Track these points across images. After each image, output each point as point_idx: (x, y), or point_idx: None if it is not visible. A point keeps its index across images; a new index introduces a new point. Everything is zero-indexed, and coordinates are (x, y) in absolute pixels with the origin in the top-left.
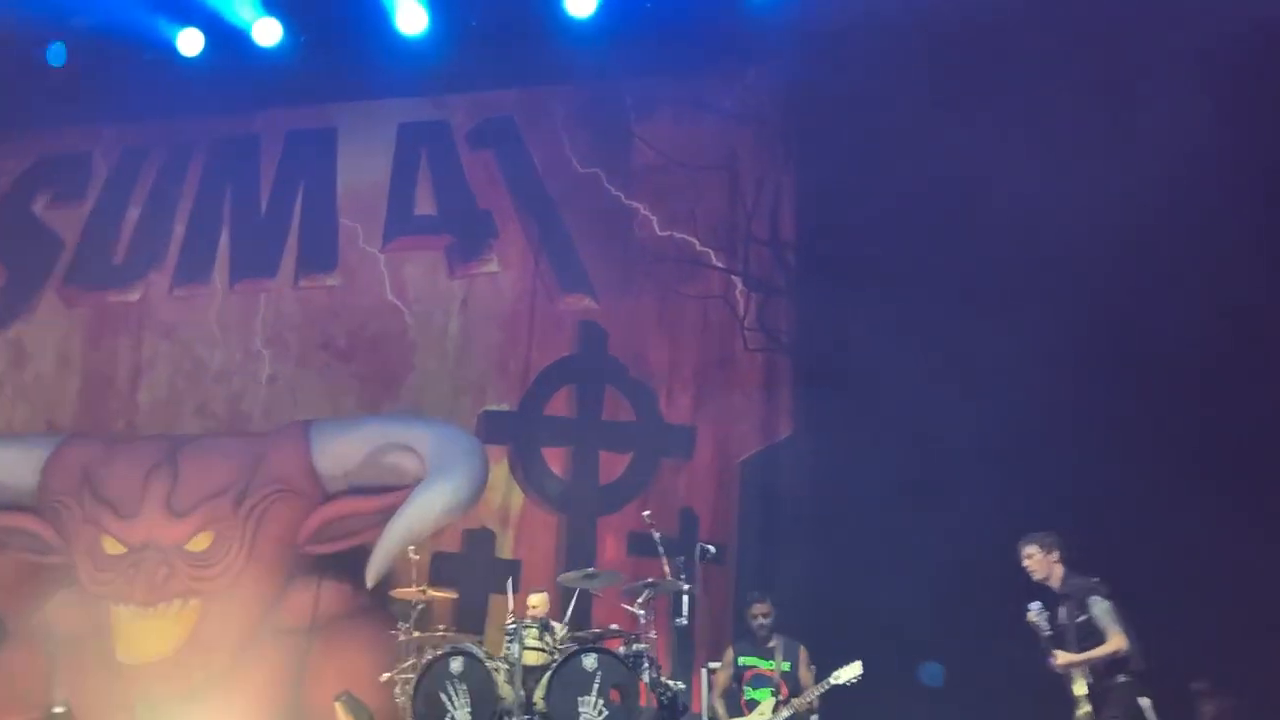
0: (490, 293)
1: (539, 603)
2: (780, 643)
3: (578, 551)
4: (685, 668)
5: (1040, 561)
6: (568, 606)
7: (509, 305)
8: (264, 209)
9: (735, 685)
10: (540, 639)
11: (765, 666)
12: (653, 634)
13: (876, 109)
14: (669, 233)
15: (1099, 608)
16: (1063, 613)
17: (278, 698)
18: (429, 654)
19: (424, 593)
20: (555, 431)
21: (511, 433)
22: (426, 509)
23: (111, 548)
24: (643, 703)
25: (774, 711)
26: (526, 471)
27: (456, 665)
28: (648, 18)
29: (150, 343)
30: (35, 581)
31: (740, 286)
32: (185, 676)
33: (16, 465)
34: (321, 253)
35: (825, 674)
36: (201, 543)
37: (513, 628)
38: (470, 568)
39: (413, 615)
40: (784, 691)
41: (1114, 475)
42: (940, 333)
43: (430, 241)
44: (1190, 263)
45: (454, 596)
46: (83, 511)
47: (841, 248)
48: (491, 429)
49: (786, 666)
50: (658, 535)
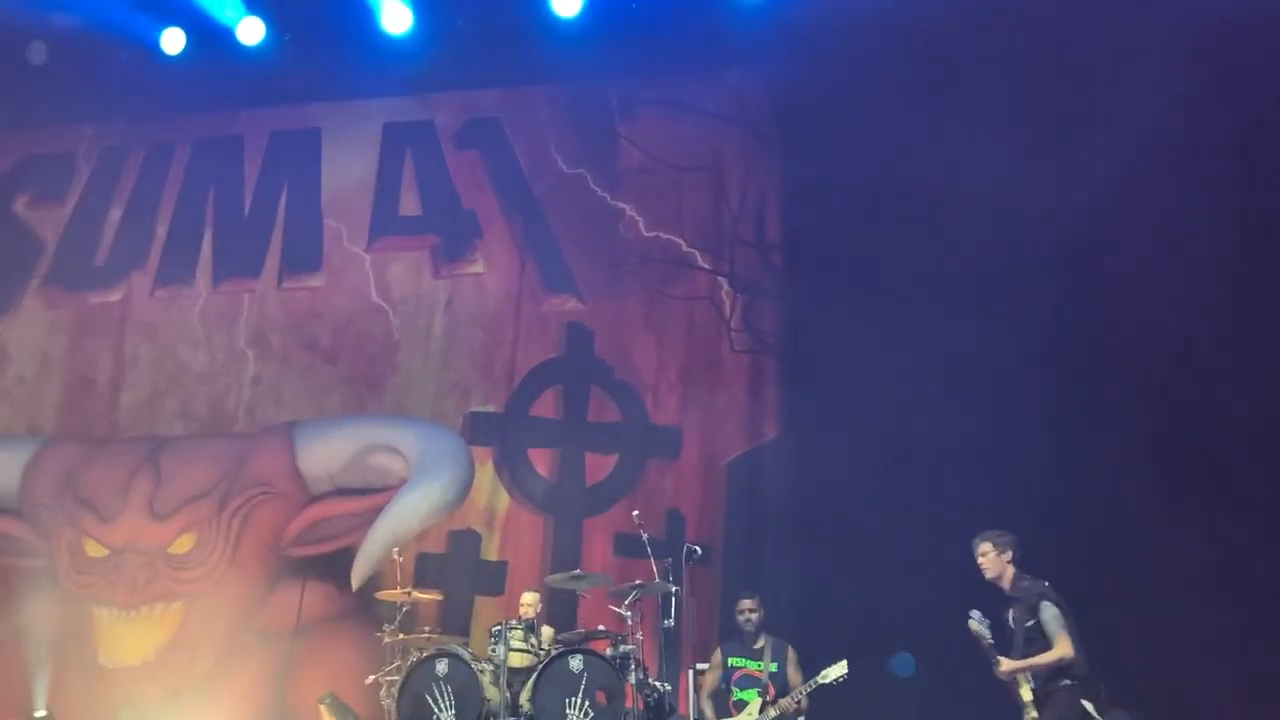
0: (475, 293)
1: (531, 601)
2: (768, 643)
3: (564, 553)
4: (672, 669)
5: (993, 561)
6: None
7: (494, 306)
8: (248, 209)
9: (724, 686)
10: (525, 641)
11: (753, 667)
12: (639, 635)
13: (861, 110)
14: (655, 233)
15: (1048, 613)
16: (1012, 615)
17: (262, 701)
18: (414, 656)
19: (409, 595)
20: (541, 433)
21: (497, 434)
22: (412, 511)
23: (93, 550)
24: (629, 704)
25: (761, 712)
26: (512, 473)
27: (442, 667)
28: (633, 18)
29: (132, 344)
30: (15, 585)
31: (726, 287)
32: (168, 680)
33: None
34: (306, 253)
35: (811, 674)
36: (184, 545)
37: (498, 630)
38: (455, 569)
39: (398, 617)
40: (771, 692)
41: (1097, 475)
42: (926, 334)
43: (415, 242)
44: (1178, 263)
45: (439, 598)
46: (64, 514)
47: (827, 249)
48: (477, 430)
49: (774, 668)
50: (645, 536)
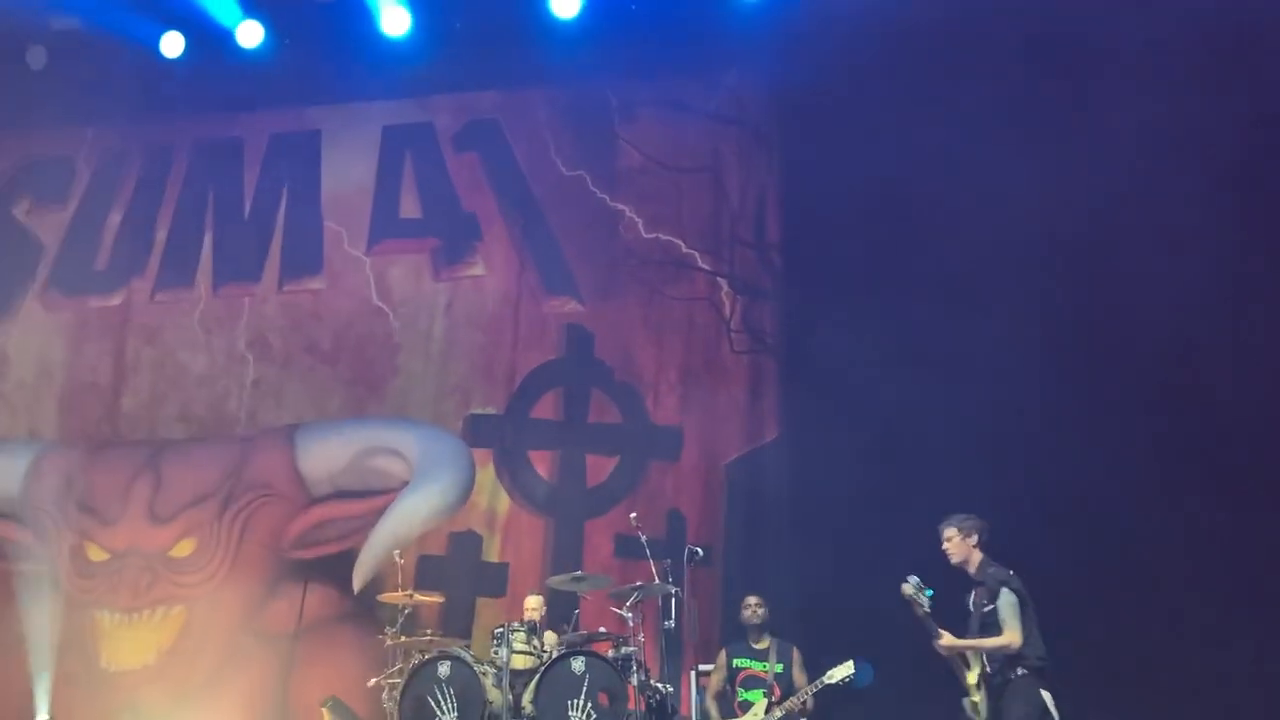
0: (475, 295)
1: (535, 605)
2: (774, 644)
3: (565, 555)
4: (674, 671)
5: (959, 545)
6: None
7: (494, 308)
8: (247, 213)
9: (729, 687)
10: (528, 643)
11: (758, 668)
12: (641, 637)
13: (860, 110)
14: (655, 235)
15: (1004, 599)
16: (973, 599)
17: (263, 704)
18: (416, 658)
19: (410, 597)
20: (542, 435)
21: (498, 436)
22: (413, 513)
23: (94, 554)
24: (631, 706)
25: (766, 712)
26: (513, 475)
27: (444, 669)
28: (632, 20)
29: (133, 348)
30: (17, 590)
31: (726, 288)
32: (170, 683)
33: None
34: (306, 256)
35: (815, 674)
36: (185, 549)
37: (500, 632)
38: (457, 572)
39: (399, 620)
40: (776, 693)
41: (1097, 475)
42: (925, 335)
43: (415, 244)
44: (1178, 262)
45: (440, 600)
46: (65, 518)
47: (827, 249)
48: (478, 432)
49: (779, 668)
50: (644, 538)
